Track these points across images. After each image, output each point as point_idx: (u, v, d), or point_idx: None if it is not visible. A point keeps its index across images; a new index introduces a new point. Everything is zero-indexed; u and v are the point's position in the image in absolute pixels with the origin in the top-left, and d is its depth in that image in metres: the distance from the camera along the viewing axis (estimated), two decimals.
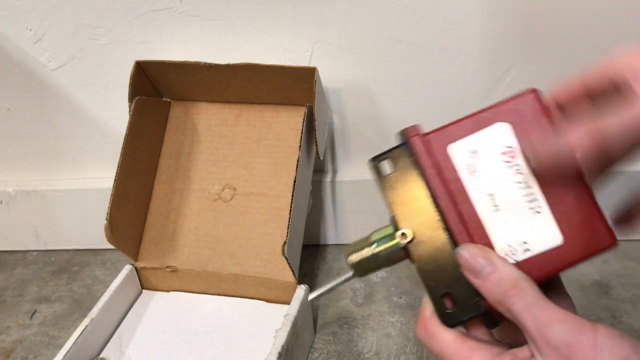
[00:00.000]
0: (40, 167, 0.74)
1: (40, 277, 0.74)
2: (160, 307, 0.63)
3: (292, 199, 0.55)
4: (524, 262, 0.29)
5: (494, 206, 0.29)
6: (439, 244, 0.30)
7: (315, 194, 0.69)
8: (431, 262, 0.30)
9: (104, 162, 0.72)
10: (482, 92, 0.63)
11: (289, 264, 0.55)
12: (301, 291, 0.57)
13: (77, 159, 0.73)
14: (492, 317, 0.29)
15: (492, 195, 0.30)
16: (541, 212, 0.29)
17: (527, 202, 0.29)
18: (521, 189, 0.29)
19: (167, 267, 0.62)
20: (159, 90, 0.65)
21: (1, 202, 0.75)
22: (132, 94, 0.60)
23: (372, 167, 0.32)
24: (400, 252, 0.31)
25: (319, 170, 0.69)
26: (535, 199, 0.29)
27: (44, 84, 0.67)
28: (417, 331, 0.31)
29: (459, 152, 0.30)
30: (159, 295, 0.64)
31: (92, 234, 0.74)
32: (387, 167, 0.31)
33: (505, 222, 0.29)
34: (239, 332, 0.58)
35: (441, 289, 0.30)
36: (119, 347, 0.58)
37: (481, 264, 0.28)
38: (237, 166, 0.63)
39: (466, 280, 0.29)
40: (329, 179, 0.69)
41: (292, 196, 0.55)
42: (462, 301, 0.29)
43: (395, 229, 0.31)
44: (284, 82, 0.59)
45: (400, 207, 0.31)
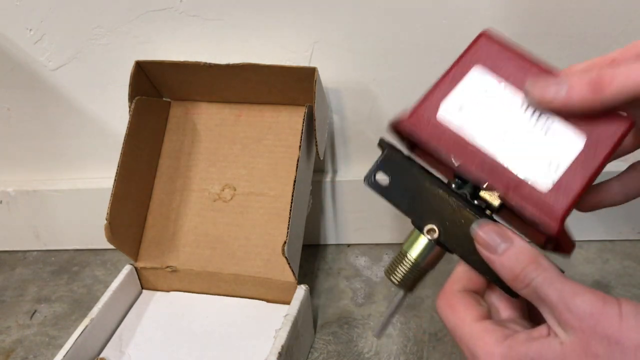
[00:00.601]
0: (40, 167, 0.74)
1: (40, 277, 0.74)
2: (160, 307, 0.63)
3: (292, 199, 0.55)
4: (561, 180, 0.28)
5: (506, 145, 0.29)
6: (468, 224, 0.29)
7: (315, 194, 0.69)
8: (472, 246, 0.29)
9: (104, 162, 0.72)
10: None
11: (289, 264, 0.55)
12: (301, 291, 0.56)
13: (77, 159, 0.73)
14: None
15: (499, 135, 0.29)
16: (551, 127, 0.29)
17: (534, 125, 0.29)
18: (522, 116, 0.29)
19: (167, 267, 0.62)
20: (159, 90, 0.65)
21: (1, 202, 0.75)
22: (132, 94, 0.60)
23: (369, 185, 0.31)
24: (437, 250, 0.31)
25: (319, 170, 0.69)
26: (538, 119, 0.29)
27: (44, 84, 0.67)
28: (437, 302, 0.30)
29: (448, 114, 0.30)
30: (159, 295, 0.64)
31: (92, 234, 0.74)
32: (383, 177, 0.31)
33: (524, 154, 0.29)
34: (239, 332, 0.58)
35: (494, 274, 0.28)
36: (119, 347, 0.58)
37: (496, 240, 0.28)
38: (237, 166, 0.63)
39: None
40: (329, 179, 0.69)
41: (292, 196, 0.55)
42: None
43: (420, 230, 0.30)
44: (284, 82, 0.59)
45: (414, 208, 0.30)
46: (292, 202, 0.55)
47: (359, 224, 0.72)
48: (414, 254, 0.31)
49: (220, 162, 0.64)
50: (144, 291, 0.65)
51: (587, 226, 0.68)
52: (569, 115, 0.28)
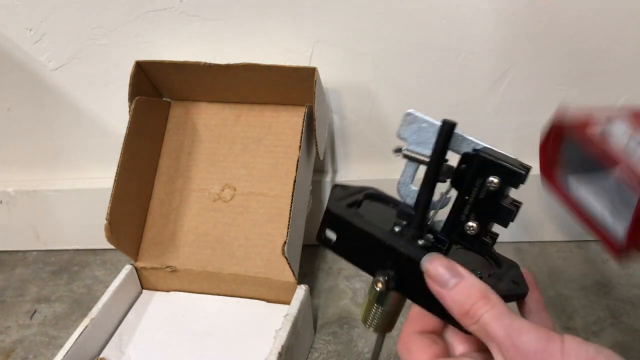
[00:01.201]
0: (40, 167, 0.74)
1: (40, 277, 0.74)
2: (160, 307, 0.63)
3: (292, 199, 0.55)
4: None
5: None
6: (414, 266, 0.29)
7: (315, 194, 0.69)
8: (421, 286, 0.29)
9: (104, 162, 0.72)
10: (483, 92, 0.63)
11: (289, 264, 0.55)
12: (301, 291, 0.56)
13: (77, 159, 0.73)
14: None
15: None
16: None
17: None
18: None
19: (167, 267, 0.62)
20: (159, 90, 0.65)
21: (1, 202, 0.75)
22: (132, 94, 0.60)
23: (320, 242, 0.32)
24: (394, 296, 0.31)
25: (319, 170, 0.69)
26: None
27: (44, 84, 0.67)
28: (397, 346, 0.31)
29: None
30: (159, 295, 0.64)
31: (92, 234, 0.74)
32: (331, 233, 0.32)
33: None
34: (239, 332, 0.58)
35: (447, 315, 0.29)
36: (119, 347, 0.58)
37: (446, 274, 0.28)
38: (237, 166, 0.63)
39: None
40: (329, 179, 0.69)
41: (292, 196, 0.55)
42: None
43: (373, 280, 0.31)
44: (284, 82, 0.59)
45: (363, 260, 0.31)
46: (292, 202, 0.55)
47: None
48: (375, 303, 0.32)
49: (220, 162, 0.64)
50: (144, 291, 0.65)
51: None
52: None
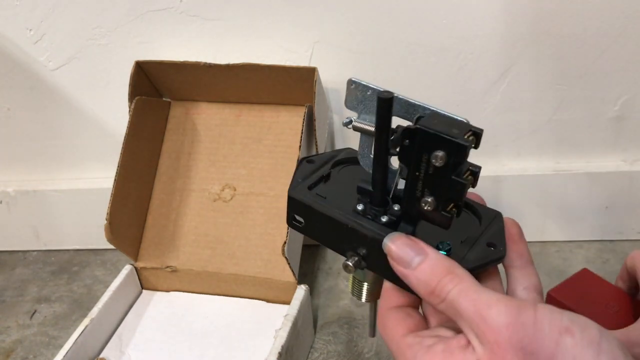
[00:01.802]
0: (40, 167, 0.74)
1: (40, 277, 0.74)
2: (160, 307, 0.63)
3: None
4: None
5: None
6: (378, 244, 0.29)
7: None
8: (387, 263, 0.29)
9: (104, 162, 0.72)
10: (482, 92, 0.63)
11: (289, 264, 0.55)
12: (301, 291, 0.56)
13: (77, 159, 0.73)
14: None
15: None
16: None
17: None
18: None
19: (167, 267, 0.62)
20: (159, 90, 0.65)
21: (1, 202, 0.75)
22: (132, 94, 0.60)
23: (290, 226, 0.34)
24: (369, 274, 0.32)
25: None
26: None
27: (44, 84, 0.67)
28: (378, 325, 0.31)
29: None
30: (159, 295, 0.64)
31: (92, 234, 0.74)
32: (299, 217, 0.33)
33: None
34: (239, 332, 0.58)
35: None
36: (119, 347, 0.58)
37: (409, 253, 0.27)
38: (237, 166, 0.63)
39: None
40: None
41: None
42: None
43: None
44: (284, 82, 0.59)
45: (332, 240, 0.31)
46: None
47: None
48: (357, 278, 0.33)
49: (220, 162, 0.64)
50: (144, 291, 0.65)
51: (587, 226, 0.68)
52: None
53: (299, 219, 0.32)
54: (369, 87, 0.29)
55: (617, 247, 0.69)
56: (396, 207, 0.30)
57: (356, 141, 0.33)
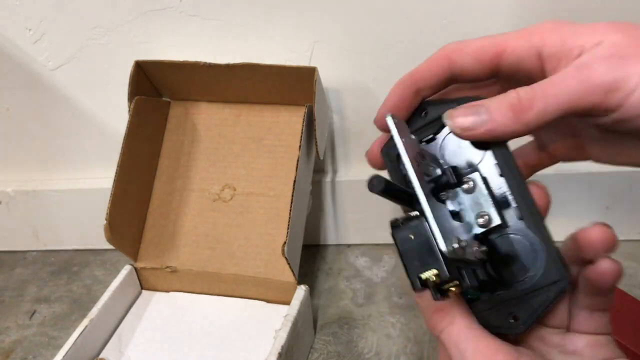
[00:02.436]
0: (39, 167, 0.74)
1: (39, 278, 0.74)
2: (160, 308, 0.62)
3: (292, 199, 0.54)
4: None
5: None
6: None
7: (315, 194, 0.69)
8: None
9: (104, 162, 0.72)
10: None
11: (289, 264, 0.55)
12: (301, 291, 0.56)
13: (77, 159, 0.73)
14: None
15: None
16: None
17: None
18: None
19: (167, 267, 0.62)
20: (159, 90, 0.65)
21: (0, 202, 0.75)
22: (132, 94, 0.60)
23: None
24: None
25: (319, 170, 0.69)
26: None
27: (44, 83, 0.67)
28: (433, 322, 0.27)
29: None
30: (158, 295, 0.64)
31: (92, 234, 0.73)
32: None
33: None
34: (239, 332, 0.58)
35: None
36: (119, 348, 0.58)
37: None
38: (237, 166, 0.63)
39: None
40: (329, 179, 0.69)
41: (292, 196, 0.55)
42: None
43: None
44: (284, 82, 0.59)
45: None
46: (292, 202, 0.54)
47: (359, 224, 0.72)
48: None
49: (220, 162, 0.64)
50: (144, 291, 0.65)
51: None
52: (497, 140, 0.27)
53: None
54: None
55: (618, 247, 0.69)
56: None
57: (357, 142, 0.33)
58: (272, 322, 0.57)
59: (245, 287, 0.61)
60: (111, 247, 0.59)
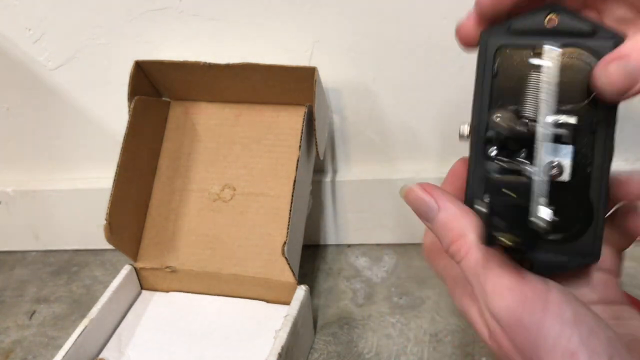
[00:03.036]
0: (39, 167, 0.74)
1: (39, 278, 0.74)
2: (159, 308, 0.62)
3: (292, 199, 0.54)
4: None
5: None
6: None
7: (315, 194, 0.69)
8: None
9: (104, 162, 0.72)
10: None
11: (289, 264, 0.55)
12: (301, 291, 0.56)
13: (77, 159, 0.73)
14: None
15: None
16: None
17: None
18: None
19: (167, 267, 0.62)
20: (159, 90, 0.65)
21: (0, 202, 0.75)
22: (132, 94, 0.60)
23: None
24: None
25: (319, 170, 0.69)
26: None
27: (43, 83, 0.67)
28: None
29: None
30: (158, 295, 0.64)
31: (92, 234, 0.73)
32: None
33: None
34: (238, 332, 0.58)
35: None
36: (119, 348, 0.58)
37: (423, 207, 0.25)
38: (237, 166, 0.63)
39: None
40: (329, 179, 0.69)
41: (292, 196, 0.55)
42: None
43: None
44: (284, 82, 0.59)
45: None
46: (292, 202, 0.54)
47: (359, 224, 0.72)
48: None
49: (220, 162, 0.64)
50: (144, 291, 0.64)
51: None
52: None
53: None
54: None
55: None
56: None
57: (357, 142, 0.32)
58: (272, 322, 0.57)
59: (245, 287, 0.61)
60: (111, 247, 0.59)
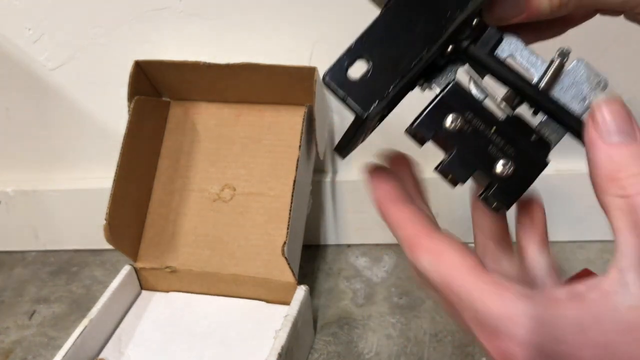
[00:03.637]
0: (39, 167, 0.74)
1: (39, 278, 0.74)
2: (159, 308, 0.62)
3: (292, 199, 0.54)
4: None
5: None
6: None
7: (315, 194, 0.69)
8: None
9: (104, 162, 0.72)
10: None
11: (289, 264, 0.55)
12: (301, 292, 0.56)
13: (76, 159, 0.73)
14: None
15: None
16: None
17: None
18: None
19: (167, 267, 0.62)
20: (159, 90, 0.65)
21: (0, 202, 0.74)
22: (132, 94, 0.60)
23: None
24: None
25: (319, 170, 0.69)
26: None
27: (43, 83, 0.67)
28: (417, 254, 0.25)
29: None
30: (158, 295, 0.64)
31: (92, 234, 0.73)
32: None
33: None
34: (238, 332, 0.58)
35: None
36: (119, 348, 0.58)
37: (617, 127, 0.23)
38: (237, 166, 0.63)
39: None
40: (329, 179, 0.69)
41: (292, 196, 0.55)
42: None
43: None
44: (284, 82, 0.59)
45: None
46: (292, 202, 0.54)
47: (359, 224, 0.72)
48: None
49: (219, 162, 0.64)
50: (143, 291, 0.64)
51: (587, 226, 0.68)
52: None
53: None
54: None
55: None
56: None
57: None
58: (272, 322, 0.57)
59: (245, 287, 0.61)
60: (111, 247, 0.59)
